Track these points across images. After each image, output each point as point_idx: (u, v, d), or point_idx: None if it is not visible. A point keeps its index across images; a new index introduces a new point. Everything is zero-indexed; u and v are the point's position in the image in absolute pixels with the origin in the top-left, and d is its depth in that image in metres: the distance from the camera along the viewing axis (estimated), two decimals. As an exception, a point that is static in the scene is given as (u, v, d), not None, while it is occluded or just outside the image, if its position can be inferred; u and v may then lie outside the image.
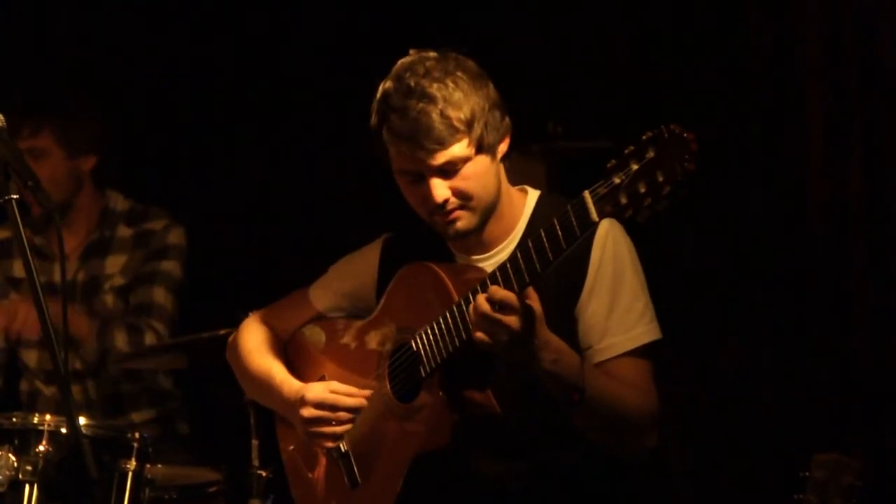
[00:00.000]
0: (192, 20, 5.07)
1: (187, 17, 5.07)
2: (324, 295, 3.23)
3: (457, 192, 2.91)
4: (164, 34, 5.08)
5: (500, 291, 2.69)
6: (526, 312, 2.70)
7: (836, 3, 4.14)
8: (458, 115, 2.87)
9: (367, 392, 2.99)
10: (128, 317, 4.36)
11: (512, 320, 2.69)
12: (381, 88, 2.96)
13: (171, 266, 4.41)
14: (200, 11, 5.07)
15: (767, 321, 4.22)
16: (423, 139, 2.86)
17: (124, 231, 4.44)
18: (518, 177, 3.08)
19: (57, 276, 4.35)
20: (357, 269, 3.19)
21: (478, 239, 3.01)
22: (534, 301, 2.72)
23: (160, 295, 4.38)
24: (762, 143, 4.27)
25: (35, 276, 2.81)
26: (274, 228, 5.00)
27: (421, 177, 2.92)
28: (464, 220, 2.94)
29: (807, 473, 2.86)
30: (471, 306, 2.73)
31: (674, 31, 4.45)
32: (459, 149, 2.89)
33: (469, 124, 2.88)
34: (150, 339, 4.32)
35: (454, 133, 2.87)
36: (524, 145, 3.10)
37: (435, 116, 2.86)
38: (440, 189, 2.90)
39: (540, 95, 3.06)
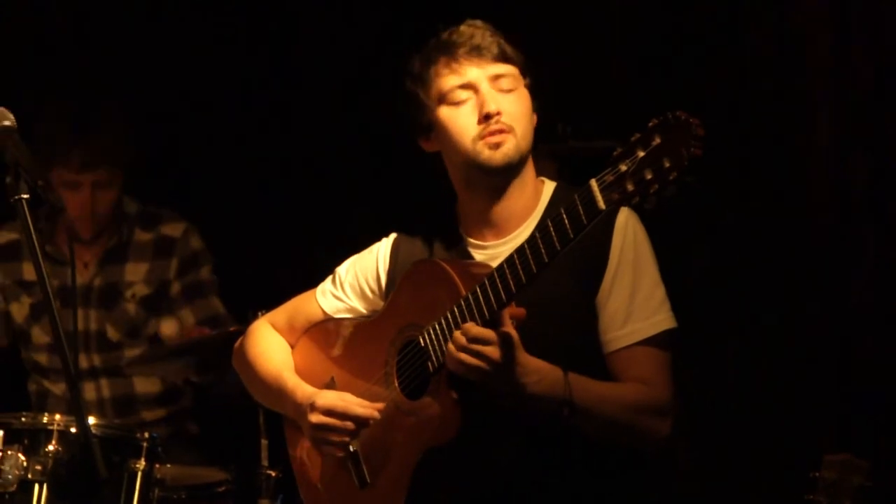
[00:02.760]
0: (199, 20, 5.09)
1: (194, 16, 5.08)
2: (331, 296, 3.22)
3: (507, 109, 2.95)
4: (172, 36, 5.09)
5: (473, 328, 2.73)
6: (504, 342, 2.72)
7: (842, 4, 4.14)
8: (511, 49, 2.98)
9: (381, 405, 2.99)
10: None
11: (490, 350, 2.72)
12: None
13: (207, 272, 4.47)
14: (206, 11, 5.08)
15: (776, 320, 4.21)
16: (481, 48, 2.95)
17: (141, 235, 4.45)
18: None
19: (69, 280, 4.36)
20: (365, 269, 3.18)
21: (493, 222, 3.01)
22: (510, 328, 2.74)
23: (217, 304, 4.45)
24: (768, 143, 4.27)
25: (44, 273, 2.82)
26: (282, 227, 5.01)
27: (471, 94, 2.96)
28: (509, 144, 2.95)
29: (817, 474, 2.85)
30: (448, 345, 2.75)
31: (680, 32, 4.45)
32: (511, 70, 2.97)
33: (519, 59, 2.98)
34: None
35: (507, 57, 2.97)
36: (533, 146, 3.11)
37: (490, 38, 2.97)
38: (493, 97, 2.94)
39: (549, 97, 3.06)
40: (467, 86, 2.96)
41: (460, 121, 2.97)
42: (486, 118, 2.93)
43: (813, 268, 4.16)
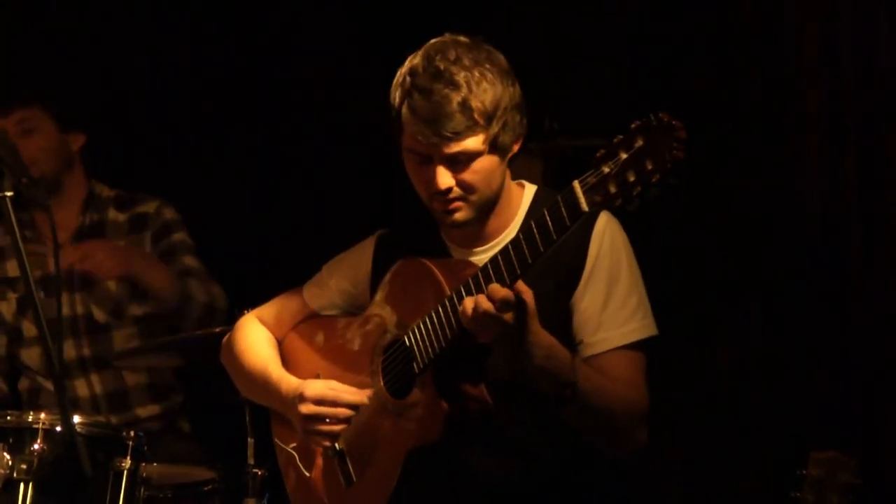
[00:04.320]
0: (195, 12, 5.07)
1: (189, 8, 5.07)
2: (318, 293, 3.23)
3: (461, 184, 2.92)
4: (165, 26, 5.08)
5: (500, 290, 2.68)
6: (519, 308, 2.70)
7: (831, 4, 4.15)
8: (480, 108, 2.86)
9: (368, 391, 2.99)
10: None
11: (507, 315, 2.68)
12: (407, 63, 2.95)
13: (181, 237, 4.43)
14: (202, 4, 5.08)
15: (764, 319, 4.22)
16: (440, 125, 2.86)
17: (117, 215, 4.45)
18: (515, 173, 3.08)
19: (51, 268, 4.34)
20: (351, 267, 3.19)
21: (474, 232, 3.01)
22: (527, 296, 2.71)
23: (191, 261, 4.39)
24: (758, 142, 4.28)
25: (30, 275, 2.81)
26: (270, 226, 5.00)
27: (429, 160, 2.91)
28: (462, 212, 2.95)
29: (804, 471, 2.85)
30: (465, 302, 2.71)
31: (670, 29, 4.45)
32: (474, 143, 2.88)
33: (489, 119, 2.88)
34: (218, 291, 4.33)
35: (472, 126, 2.87)
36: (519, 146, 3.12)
37: (456, 105, 2.85)
38: (445, 177, 2.90)
39: (536, 93, 3.06)
40: (424, 156, 2.93)
41: (417, 179, 2.97)
42: (436, 192, 2.92)
43: (803, 265, 4.16)
